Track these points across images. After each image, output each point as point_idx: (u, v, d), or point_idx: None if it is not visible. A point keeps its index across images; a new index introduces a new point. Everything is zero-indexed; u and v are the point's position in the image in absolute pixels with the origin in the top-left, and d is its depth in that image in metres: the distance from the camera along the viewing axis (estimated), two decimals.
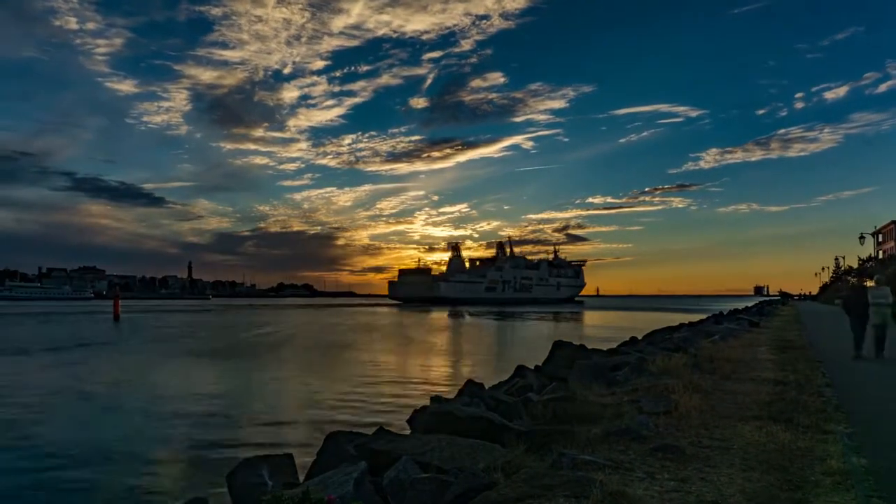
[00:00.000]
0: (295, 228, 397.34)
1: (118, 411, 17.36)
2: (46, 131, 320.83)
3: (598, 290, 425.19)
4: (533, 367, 16.85)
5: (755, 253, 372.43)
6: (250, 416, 16.51)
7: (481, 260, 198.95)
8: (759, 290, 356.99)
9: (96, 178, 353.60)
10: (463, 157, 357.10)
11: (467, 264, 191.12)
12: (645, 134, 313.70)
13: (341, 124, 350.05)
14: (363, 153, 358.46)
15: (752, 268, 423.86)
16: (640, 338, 26.02)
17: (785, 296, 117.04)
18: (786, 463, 5.82)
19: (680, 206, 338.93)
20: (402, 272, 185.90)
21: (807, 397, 9.34)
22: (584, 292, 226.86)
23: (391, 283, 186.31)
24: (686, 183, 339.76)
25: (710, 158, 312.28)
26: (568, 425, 7.30)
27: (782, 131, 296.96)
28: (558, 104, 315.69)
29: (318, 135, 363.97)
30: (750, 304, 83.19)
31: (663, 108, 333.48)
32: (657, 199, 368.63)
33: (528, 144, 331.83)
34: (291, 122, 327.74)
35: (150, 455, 12.51)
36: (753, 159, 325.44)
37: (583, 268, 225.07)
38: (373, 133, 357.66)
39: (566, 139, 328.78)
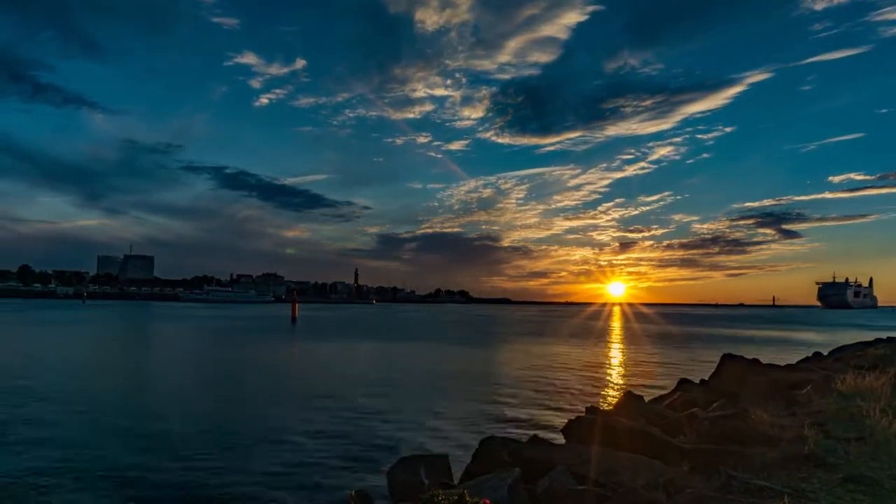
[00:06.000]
0: (454, 230, 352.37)
1: (305, 398, 19.05)
2: (167, 109, 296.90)
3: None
4: (698, 381, 15.78)
5: None
6: (417, 410, 17.27)
7: None
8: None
9: (244, 173, 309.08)
10: (678, 115, 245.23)
11: None
12: None
13: (523, 74, 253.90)
14: (534, 123, 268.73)
15: None
16: (825, 353, 23.31)
17: None
18: None
19: None
20: None
21: None
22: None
23: None
24: None
25: None
26: (738, 446, 6.74)
27: None
28: None
29: (487, 82, 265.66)
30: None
31: None
32: None
33: (796, 82, 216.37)
34: (453, 63, 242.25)
35: (321, 442, 13.56)
36: None
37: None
38: (553, 64, 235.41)
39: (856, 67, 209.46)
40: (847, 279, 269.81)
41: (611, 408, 12.26)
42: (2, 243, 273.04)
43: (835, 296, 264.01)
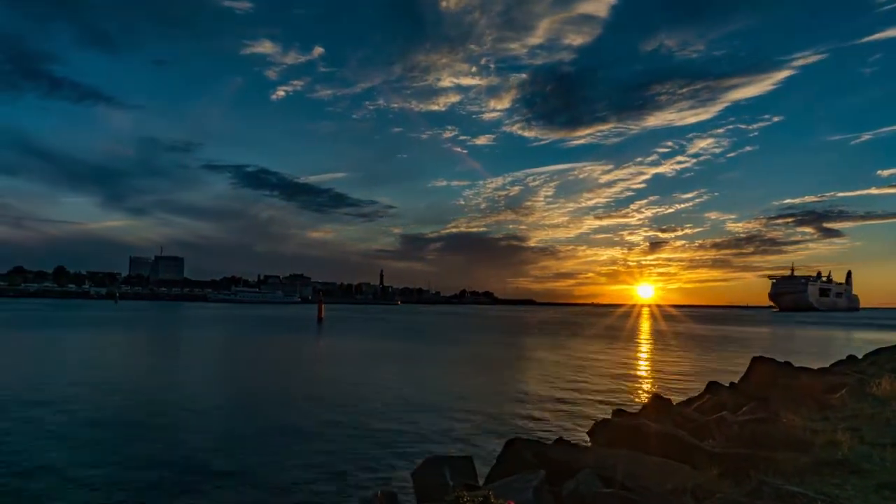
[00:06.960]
0: (480, 229, 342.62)
1: (328, 398, 19.23)
2: (183, 103, 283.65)
3: None
4: (727, 384, 15.52)
5: None
6: (439, 412, 17.29)
7: None
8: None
9: (264, 171, 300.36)
10: (720, 104, 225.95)
11: None
12: None
13: (554, 59, 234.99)
14: (562, 115, 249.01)
15: None
16: (860, 356, 22.72)
17: None
18: None
19: None
20: None
21: None
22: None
23: None
24: None
25: None
26: (769, 450, 6.61)
27: None
28: None
29: (516, 68, 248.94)
30: None
31: None
32: None
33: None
34: (480, 47, 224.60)
35: (346, 441, 13.66)
36: None
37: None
38: (586, 48, 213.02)
39: None
40: (820, 273, 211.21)
41: (638, 410, 12.13)
42: (34, 244, 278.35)
43: (791, 294, 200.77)
